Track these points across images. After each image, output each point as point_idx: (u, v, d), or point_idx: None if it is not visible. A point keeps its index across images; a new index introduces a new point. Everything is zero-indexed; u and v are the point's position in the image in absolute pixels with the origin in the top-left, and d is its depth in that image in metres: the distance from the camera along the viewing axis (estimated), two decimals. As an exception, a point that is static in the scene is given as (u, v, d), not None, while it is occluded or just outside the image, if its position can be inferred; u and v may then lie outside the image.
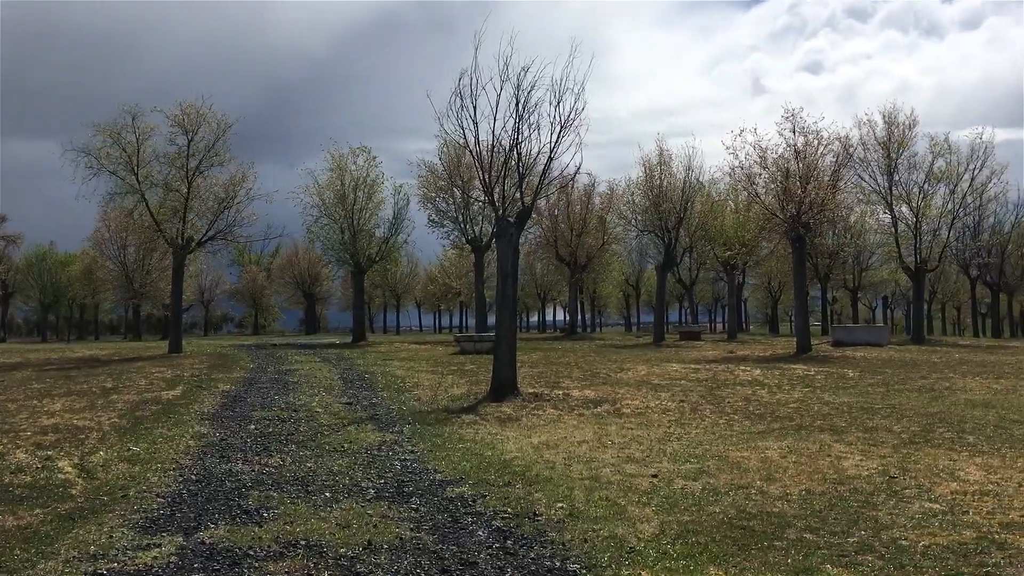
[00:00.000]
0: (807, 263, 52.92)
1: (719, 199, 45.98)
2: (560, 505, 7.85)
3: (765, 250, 39.40)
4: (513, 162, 16.92)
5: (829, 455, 10.46)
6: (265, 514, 7.51)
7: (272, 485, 8.74)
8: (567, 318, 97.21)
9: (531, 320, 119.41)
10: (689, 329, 47.89)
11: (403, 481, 9.03)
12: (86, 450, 10.61)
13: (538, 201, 23.36)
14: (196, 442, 11.32)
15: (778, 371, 22.38)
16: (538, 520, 7.36)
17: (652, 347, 37.57)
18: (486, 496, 8.29)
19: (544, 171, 16.65)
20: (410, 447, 11.18)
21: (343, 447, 11.04)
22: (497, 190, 17.33)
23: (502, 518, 7.46)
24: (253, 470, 9.50)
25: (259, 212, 34.48)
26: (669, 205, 41.93)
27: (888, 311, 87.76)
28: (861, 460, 10.09)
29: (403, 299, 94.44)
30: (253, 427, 12.70)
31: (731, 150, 30.97)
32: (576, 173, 16.34)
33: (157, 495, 8.24)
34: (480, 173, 17.18)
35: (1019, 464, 9.79)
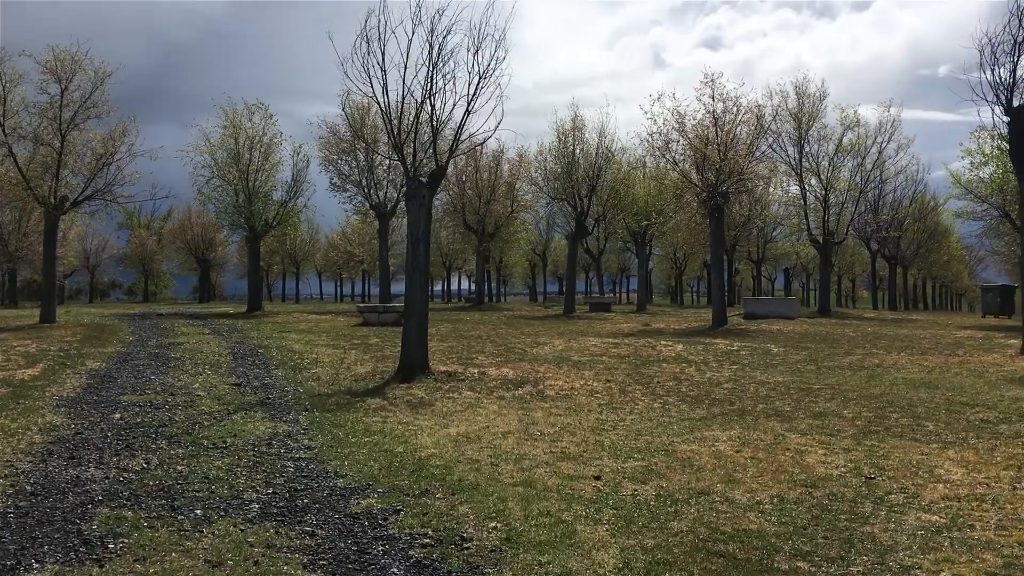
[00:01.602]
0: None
1: (631, 168, 45.05)
2: (493, 525, 6.34)
3: (680, 220, 38.60)
4: (425, 116, 15.19)
5: (787, 448, 9.26)
6: (111, 545, 5.75)
7: (128, 499, 6.94)
8: (472, 288, 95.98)
9: (436, 289, 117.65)
10: (599, 300, 47.04)
11: (296, 490, 7.36)
12: None
13: (451, 162, 21.63)
14: (43, 437, 9.34)
15: (700, 346, 21.40)
16: (467, 548, 5.83)
17: (564, 319, 36.46)
18: (400, 511, 6.71)
19: (460, 126, 14.98)
20: (306, 441, 9.49)
21: (225, 442, 9.26)
22: (408, 148, 15.60)
23: (421, 545, 5.90)
24: (107, 476, 7.66)
25: (143, 171, 31.61)
26: (581, 173, 40.71)
27: (788, 283, 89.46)
28: (825, 455, 8.91)
29: (303, 266, 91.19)
30: (118, 416, 10.74)
31: (649, 115, 29.88)
32: (496, 128, 14.73)
33: (-30, 518, 6.36)
34: (388, 127, 15.38)
35: (996, 458, 8.77)
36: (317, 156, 42.83)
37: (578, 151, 41.54)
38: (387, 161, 43.95)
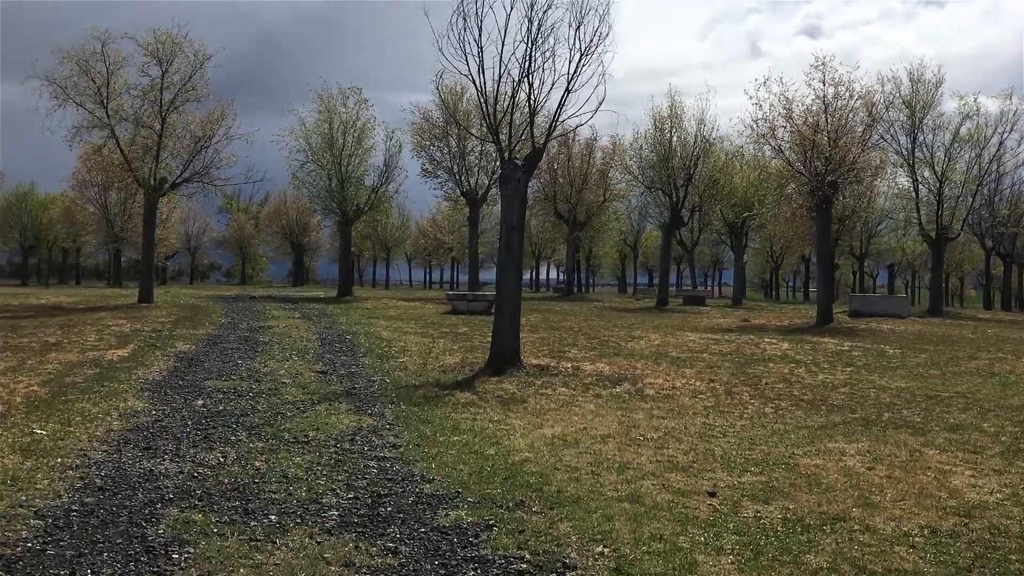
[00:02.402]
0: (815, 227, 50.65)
1: (730, 157, 43.43)
2: (600, 549, 5.55)
3: (782, 212, 36.90)
4: (523, 95, 14.43)
5: (927, 467, 8.18)
6: (175, 555, 5.18)
7: (200, 498, 6.41)
8: (560, 277, 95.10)
9: (524, 278, 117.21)
10: (693, 294, 45.67)
11: (379, 495, 6.71)
12: (-25, 433, 8.26)
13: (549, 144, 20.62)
14: (122, 423, 8.97)
15: (807, 345, 20.12)
16: (571, 578, 5.06)
17: (657, 312, 35.33)
18: (493, 527, 5.98)
19: (559, 106, 14.16)
20: (392, 438, 8.86)
21: (307, 436, 8.70)
22: (503, 130, 14.88)
23: (518, 571, 5.16)
24: (181, 471, 7.16)
25: (240, 155, 31.85)
26: (678, 161, 39.37)
27: (892, 280, 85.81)
28: (974, 477, 7.81)
29: (393, 252, 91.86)
30: (200, 403, 10.34)
31: (754, 100, 28.43)
32: (598, 108, 13.85)
33: (33, 515, 5.89)
34: (483, 108, 14.67)
35: None
36: (409, 142, 42.63)
37: (675, 139, 40.21)
38: (479, 147, 43.50)
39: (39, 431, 8.31)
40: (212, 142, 30.32)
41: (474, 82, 14.47)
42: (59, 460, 7.31)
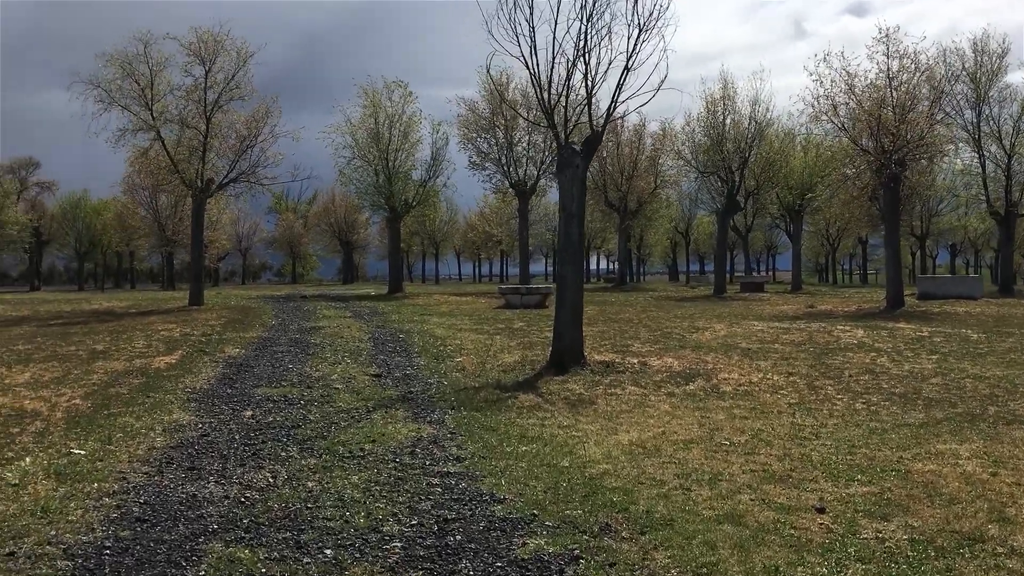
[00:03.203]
0: (876, 208, 48.86)
1: (786, 137, 41.97)
2: (709, 589, 4.74)
3: (842, 192, 35.39)
4: (578, 76, 13.58)
5: (1062, 472, 7.20)
6: (218, 605, 4.49)
7: (247, 529, 5.72)
8: (611, 267, 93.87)
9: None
10: (751, 280, 44.35)
11: (446, 520, 5.96)
12: (10, 452, 7.69)
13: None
14: (165, 440, 8.35)
15: (883, 331, 18.95)
16: (681, 628, 4.25)
17: (716, 300, 34.20)
18: (580, 558, 5.20)
19: (618, 86, 13.27)
20: (455, 449, 8.12)
21: (363, 450, 8.00)
22: (558, 113, 14.04)
23: (616, 619, 4.37)
24: (227, 495, 6.49)
25: (286, 153, 31.43)
26: (732, 144, 38.09)
27: (953, 260, 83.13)
28: (1122, 485, 6.82)
29: (441, 247, 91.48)
30: (249, 414, 9.72)
31: (815, 76, 27.16)
32: (660, 86, 12.95)
33: (62, 554, 5.25)
34: (537, 91, 13.84)
35: None
36: (456, 135, 41.97)
37: (728, 121, 38.92)
38: (526, 138, 42.70)
39: (77, 451, 7.72)
40: (258, 140, 29.97)
41: (526, 64, 13.65)
42: (96, 485, 6.69)
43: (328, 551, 5.30)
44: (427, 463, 7.56)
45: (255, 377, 12.45)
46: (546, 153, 41.97)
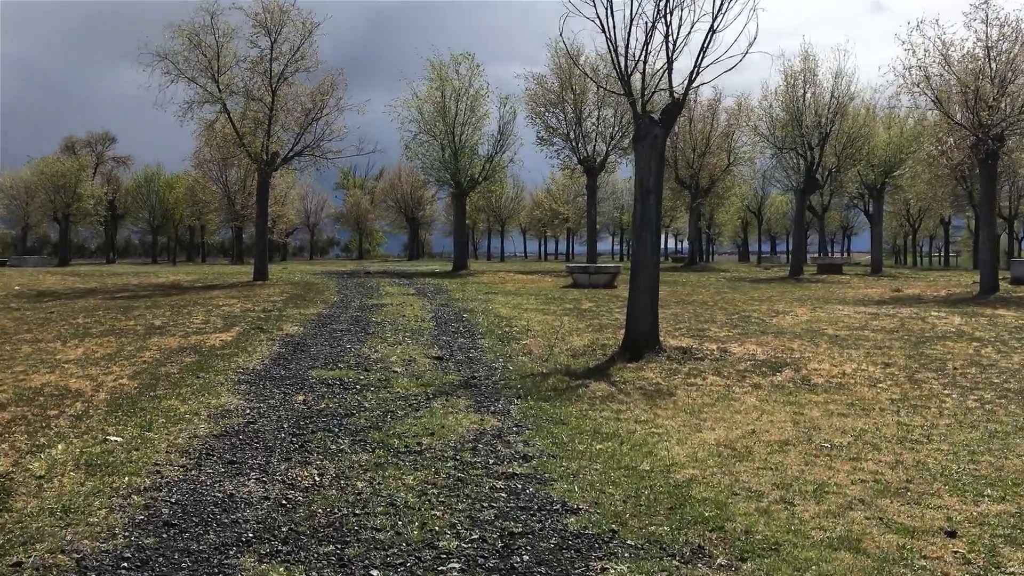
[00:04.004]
0: (962, 187, 46.50)
1: (868, 113, 39.96)
2: (836, 644, 3.84)
3: (932, 170, 33.47)
4: (658, 39, 12.55)
5: None
6: (240, 642, 3.76)
7: (285, 540, 5.00)
8: (679, 246, 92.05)
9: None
10: (830, 261, 42.58)
11: (512, 535, 5.17)
12: (42, 438, 7.14)
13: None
14: (209, 427, 7.73)
15: (982, 318, 17.55)
16: None
17: (793, 282, 32.74)
18: (670, 593, 4.36)
19: (702, 48, 12.21)
20: (521, 446, 7.32)
21: (420, 444, 7.25)
22: (635, 80, 13.05)
23: None
24: (268, 496, 5.80)
25: (352, 127, 30.94)
26: (812, 119, 36.35)
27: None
28: None
29: (507, 224, 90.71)
30: (301, 399, 9.06)
31: (907, 46, 25.40)
32: (749, 48, 11.88)
33: (75, 565, 4.60)
34: (613, 55, 12.85)
35: None
36: (524, 110, 40.95)
37: (809, 95, 37.14)
38: (596, 113, 41.51)
39: (114, 437, 7.14)
40: (323, 113, 29.45)
41: (602, 27, 12.66)
42: (126, 480, 6.07)
43: (375, 573, 4.55)
44: (490, 462, 6.78)
45: (311, 358, 11.83)
46: (616, 128, 40.77)
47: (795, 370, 11.22)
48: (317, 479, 6.20)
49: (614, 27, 12.65)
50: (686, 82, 12.35)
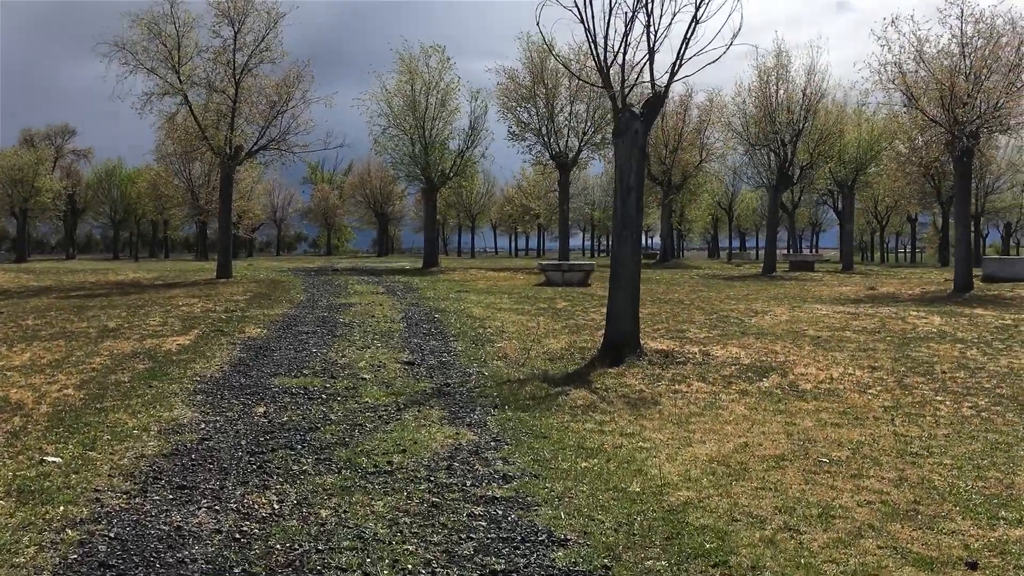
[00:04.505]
0: (929, 184, 46.64)
1: (839, 109, 39.84)
2: None
3: (914, 166, 33.26)
4: (640, 28, 12.04)
5: None
6: None
7: (238, 584, 4.41)
8: (649, 242, 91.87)
9: (610, 243, 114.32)
10: (802, 258, 42.49)
11: (495, 573, 4.62)
12: (-27, 461, 6.47)
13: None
14: (159, 445, 7.08)
15: (962, 318, 17.26)
16: None
17: (767, 280, 32.51)
18: (677, 649, 3.82)
19: (684, 40, 11.71)
20: (500, 464, 6.76)
21: (391, 463, 6.66)
22: (614, 72, 12.52)
23: None
24: (220, 529, 5.19)
25: (319, 121, 30.16)
26: (787, 116, 36.12)
27: (1007, 240, 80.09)
28: None
29: (478, 220, 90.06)
30: (262, 411, 8.43)
31: (882, 41, 25.15)
32: (733, 40, 11.40)
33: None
34: (592, 48, 12.32)
35: None
36: (495, 103, 40.35)
37: (782, 92, 36.92)
38: (568, 108, 41.03)
39: (52, 458, 6.49)
40: (288, 106, 28.63)
41: (581, 16, 12.12)
42: (61, 510, 5.43)
43: (339, 626, 3.97)
44: (468, 483, 6.22)
45: (274, 363, 11.18)
46: (588, 124, 40.33)
47: (782, 375, 10.77)
48: (276, 507, 5.60)
49: (593, 17, 12.12)
50: (668, 75, 11.84)
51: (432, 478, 6.31)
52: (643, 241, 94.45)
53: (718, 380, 10.42)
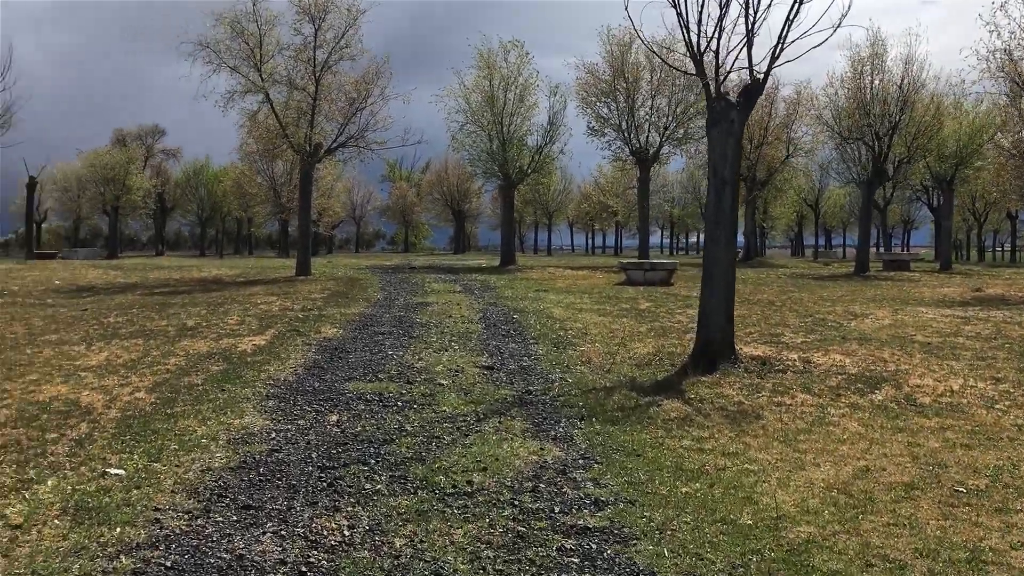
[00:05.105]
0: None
1: (937, 100, 37.86)
2: None
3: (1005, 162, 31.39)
4: (736, 9, 11.21)
5: None
6: None
7: (299, 632, 3.87)
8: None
9: (689, 241, 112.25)
10: (896, 257, 40.58)
11: (592, 627, 3.98)
12: (32, 471, 6.11)
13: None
14: (227, 456, 6.64)
15: (1086, 324, 15.89)
16: None
17: (860, 280, 31.01)
18: None
19: (787, 22, 10.84)
20: (590, 485, 6.11)
21: (470, 483, 6.08)
22: (708, 58, 11.72)
23: None
24: (284, 559, 4.68)
25: (397, 118, 29.93)
26: (883, 107, 34.41)
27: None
28: None
29: (555, 218, 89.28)
30: (335, 419, 7.95)
31: (990, 26, 23.64)
32: (841, 21, 10.50)
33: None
34: (685, 33, 11.53)
35: None
36: (574, 98, 39.59)
37: (876, 82, 35.20)
38: (649, 102, 40.01)
39: (115, 470, 6.09)
40: (367, 103, 28.46)
41: (674, 1, 11.35)
42: (117, 532, 4.99)
43: None
44: (556, 509, 5.59)
45: (349, 366, 10.74)
46: (670, 118, 39.26)
47: (895, 387, 9.84)
48: (347, 533, 5.06)
49: (686, 0, 11.34)
50: (768, 60, 10.99)
51: (516, 502, 5.70)
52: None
53: (824, 391, 9.55)
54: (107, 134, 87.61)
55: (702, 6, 11.29)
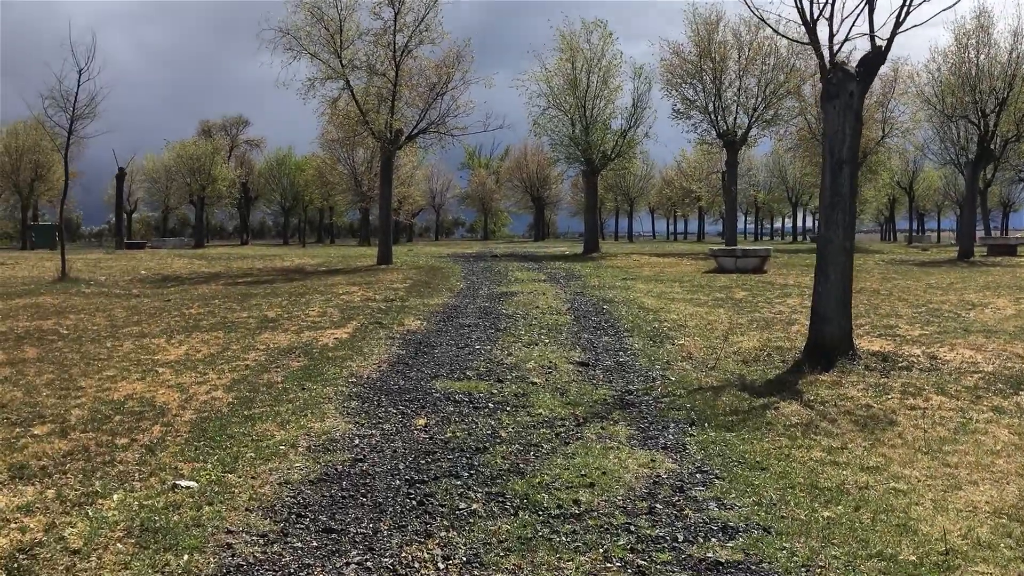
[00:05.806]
0: None
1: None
2: None
3: None
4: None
5: None
6: None
7: None
8: (815, 225, 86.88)
9: (775, 226, 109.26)
10: (1003, 241, 38.32)
11: None
12: (98, 482, 5.63)
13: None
14: (307, 466, 6.07)
15: None
16: None
17: (965, 265, 29.23)
18: None
19: (913, -17, 9.76)
20: (714, 506, 5.34)
21: (577, 502, 5.36)
22: (821, 27, 10.72)
23: None
24: (371, 599, 4.05)
25: (478, 103, 29.36)
26: (989, 83, 32.35)
27: None
28: None
29: (636, 203, 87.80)
30: (423, 423, 7.32)
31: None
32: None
33: None
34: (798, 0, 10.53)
35: None
36: (659, 80, 38.38)
37: (983, 57, 33.13)
38: (737, 82, 38.54)
39: (186, 483, 5.57)
40: (448, 88, 27.92)
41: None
42: (185, 559, 4.44)
43: None
44: (679, 537, 4.84)
45: (435, 362, 10.14)
46: (759, 99, 37.79)
47: (1042, 388, 8.76)
48: (441, 566, 4.41)
49: (797, -39, 10.36)
50: (892, 25, 9.94)
51: (632, 527, 4.96)
52: (810, 223, 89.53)
53: (962, 393, 8.54)
54: (193, 125, 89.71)
55: (815, -32, 10.30)
